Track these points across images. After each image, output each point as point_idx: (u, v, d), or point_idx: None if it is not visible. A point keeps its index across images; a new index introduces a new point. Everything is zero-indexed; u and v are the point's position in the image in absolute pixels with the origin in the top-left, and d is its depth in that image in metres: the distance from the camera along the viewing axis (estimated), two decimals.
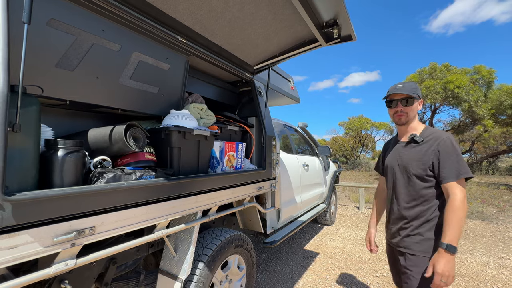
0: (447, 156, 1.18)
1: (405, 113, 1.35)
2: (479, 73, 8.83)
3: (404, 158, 1.34)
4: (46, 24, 1.02)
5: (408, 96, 1.32)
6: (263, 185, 2.13)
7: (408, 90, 1.32)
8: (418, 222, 1.27)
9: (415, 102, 1.34)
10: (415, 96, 1.32)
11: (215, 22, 1.53)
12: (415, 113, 1.37)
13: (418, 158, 1.27)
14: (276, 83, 2.99)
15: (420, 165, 1.26)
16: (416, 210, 1.28)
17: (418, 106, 1.37)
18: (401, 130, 1.43)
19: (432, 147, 1.23)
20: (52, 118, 1.32)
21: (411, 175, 1.29)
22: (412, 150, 1.32)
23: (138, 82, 1.41)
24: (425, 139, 1.29)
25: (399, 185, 1.36)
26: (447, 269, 1.11)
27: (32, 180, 0.85)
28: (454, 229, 1.12)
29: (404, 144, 1.38)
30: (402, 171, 1.35)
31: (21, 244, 0.78)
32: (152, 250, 1.57)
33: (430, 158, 1.23)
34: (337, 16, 1.55)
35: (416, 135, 1.32)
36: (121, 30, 1.29)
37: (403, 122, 1.37)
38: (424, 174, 1.25)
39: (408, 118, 1.35)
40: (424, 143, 1.28)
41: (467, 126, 9.66)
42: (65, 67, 1.10)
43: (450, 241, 1.12)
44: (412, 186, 1.29)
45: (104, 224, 1.00)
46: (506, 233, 4.28)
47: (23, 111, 0.81)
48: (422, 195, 1.27)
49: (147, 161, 1.34)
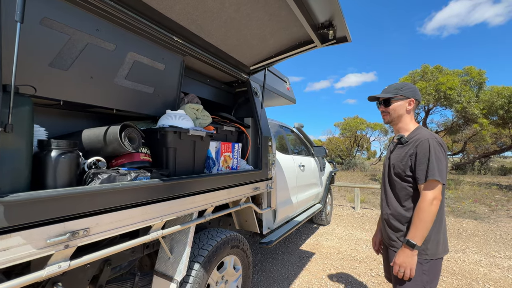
0: (423, 158, 1.23)
1: (387, 113, 1.41)
2: (469, 75, 8.99)
3: (392, 158, 1.39)
4: (40, 23, 1.00)
5: (385, 98, 1.39)
6: (259, 186, 2.13)
7: (388, 92, 1.40)
8: (403, 220, 1.31)
9: (396, 102, 1.37)
10: (397, 96, 1.36)
11: (211, 22, 1.53)
12: (399, 113, 1.38)
13: (400, 159, 1.32)
14: (272, 84, 2.99)
15: (400, 166, 1.31)
16: (401, 209, 1.32)
17: (405, 104, 1.37)
18: (394, 129, 1.48)
19: (411, 148, 1.28)
20: (46, 118, 1.30)
21: (394, 175, 1.36)
22: (398, 151, 1.36)
23: (133, 82, 1.40)
24: (410, 140, 1.32)
25: (387, 184, 1.42)
26: (404, 262, 1.22)
27: (24, 181, 0.84)
28: (417, 228, 1.19)
29: (394, 144, 1.43)
30: (389, 170, 1.40)
31: (13, 246, 0.77)
32: (148, 251, 1.55)
33: (409, 159, 1.28)
34: (332, 17, 1.57)
35: (403, 136, 1.35)
36: (116, 29, 1.28)
37: (386, 121, 1.44)
38: (404, 175, 1.30)
39: (392, 117, 1.40)
40: (407, 144, 1.32)
41: (460, 127, 9.81)
42: (59, 67, 1.09)
43: (411, 237, 1.20)
44: (396, 185, 1.35)
45: (98, 226, 0.99)
46: (498, 232, 4.36)
47: (15, 111, 0.79)
48: (404, 195, 1.31)
49: (142, 162, 1.33)
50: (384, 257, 1.54)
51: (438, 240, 1.25)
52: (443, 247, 1.27)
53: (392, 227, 1.35)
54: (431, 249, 1.23)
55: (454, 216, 5.47)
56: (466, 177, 11.52)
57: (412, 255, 1.21)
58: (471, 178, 11.80)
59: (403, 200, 1.32)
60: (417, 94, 1.39)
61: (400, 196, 1.33)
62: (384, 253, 1.54)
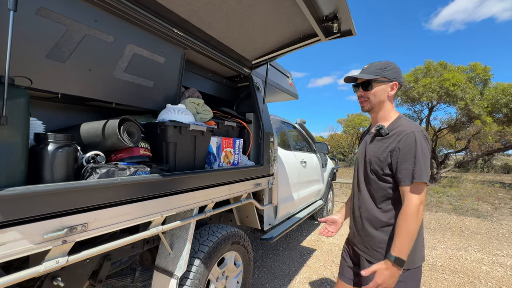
0: (406, 155, 1.02)
1: (367, 98, 1.17)
2: (474, 71, 8.84)
3: (368, 152, 1.18)
4: (36, 13, 0.97)
5: (366, 80, 1.14)
6: (260, 182, 2.11)
7: (370, 72, 1.14)
8: (378, 225, 1.13)
9: (378, 86, 1.13)
10: (380, 78, 1.12)
11: (212, 14, 1.49)
12: (381, 98, 1.15)
13: (378, 154, 1.12)
14: (275, 79, 2.95)
15: (378, 162, 1.11)
16: (377, 211, 1.14)
17: (389, 90, 1.14)
18: (372, 118, 1.24)
19: (393, 143, 1.07)
20: (44, 111, 1.28)
21: (371, 172, 1.15)
22: (376, 144, 1.15)
23: (133, 76, 1.38)
24: (391, 132, 1.11)
25: (361, 181, 1.21)
26: (388, 283, 1.00)
27: (20, 175, 0.82)
28: (404, 240, 0.99)
29: (372, 136, 1.20)
30: (365, 166, 1.19)
31: (9, 241, 0.75)
32: (148, 246, 1.55)
33: (388, 155, 1.08)
34: (337, 10, 1.52)
35: (383, 127, 1.13)
36: (115, 21, 1.24)
37: (366, 109, 1.19)
38: (381, 173, 1.11)
39: (372, 104, 1.16)
40: (388, 137, 1.11)
41: (463, 124, 9.70)
42: (56, 59, 1.06)
43: (399, 253, 0.99)
44: (372, 184, 1.15)
45: (97, 221, 0.97)
46: (501, 230, 4.33)
47: (10, 103, 0.77)
48: (381, 196, 1.12)
49: (142, 157, 1.31)
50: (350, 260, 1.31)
51: (416, 247, 1.07)
52: (420, 254, 1.12)
53: (366, 232, 1.16)
54: (408, 258, 1.01)
55: (457, 214, 5.44)
56: (469, 175, 11.45)
57: (398, 273, 1.00)
58: (474, 176, 11.72)
59: (379, 201, 1.12)
60: (401, 76, 1.16)
61: (376, 197, 1.13)
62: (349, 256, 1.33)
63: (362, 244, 1.19)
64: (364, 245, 1.18)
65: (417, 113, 10.96)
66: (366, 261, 1.16)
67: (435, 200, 6.62)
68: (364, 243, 1.18)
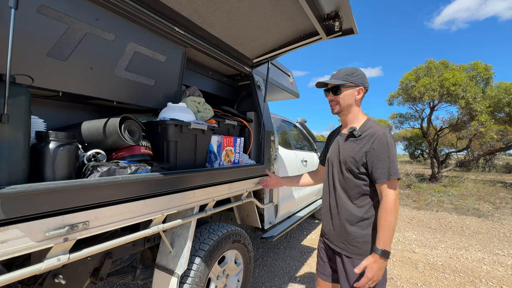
0: (380, 155, 1.12)
1: (337, 102, 1.26)
2: (475, 70, 8.79)
3: (342, 152, 1.26)
4: (37, 11, 0.97)
5: (335, 85, 1.25)
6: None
7: (338, 78, 1.25)
8: (354, 220, 1.19)
9: (346, 90, 1.24)
10: (347, 84, 1.23)
11: (213, 12, 1.48)
12: (349, 102, 1.25)
13: (353, 154, 1.20)
14: (276, 78, 2.95)
15: (353, 162, 1.19)
16: (352, 207, 1.20)
17: (355, 93, 1.25)
18: (342, 120, 1.35)
19: (367, 144, 1.16)
20: (45, 110, 1.28)
21: (346, 171, 1.22)
22: (350, 145, 1.24)
23: (134, 74, 1.38)
24: (363, 134, 1.21)
25: (336, 180, 1.27)
26: (377, 275, 1.08)
27: (22, 173, 0.82)
28: (387, 233, 1.07)
29: (344, 137, 1.29)
30: (339, 165, 1.26)
31: (11, 239, 0.76)
32: (149, 245, 1.55)
33: (363, 155, 1.16)
34: (338, 8, 1.51)
35: (356, 128, 1.23)
36: (116, 19, 1.24)
37: (336, 112, 1.29)
38: (357, 172, 1.18)
39: (341, 107, 1.26)
40: (361, 138, 1.20)
41: (465, 123, 9.66)
42: (57, 57, 1.06)
43: (384, 246, 1.07)
44: (348, 182, 1.22)
45: (98, 219, 0.97)
46: (501, 230, 4.32)
47: (11, 101, 0.77)
48: (357, 193, 1.20)
49: (142, 155, 1.31)
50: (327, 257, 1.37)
51: None
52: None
53: (343, 228, 1.22)
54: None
55: (458, 213, 5.43)
56: (470, 175, 11.42)
57: (385, 265, 1.09)
58: (475, 176, 11.69)
59: (354, 198, 1.20)
60: (366, 81, 1.26)
61: (352, 194, 1.21)
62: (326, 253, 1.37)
63: (340, 241, 1.24)
64: (342, 242, 1.23)
65: (419, 112, 10.92)
66: (345, 257, 1.21)
67: (436, 200, 6.61)
68: (341, 239, 1.23)
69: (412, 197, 6.93)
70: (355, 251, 1.18)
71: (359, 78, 1.24)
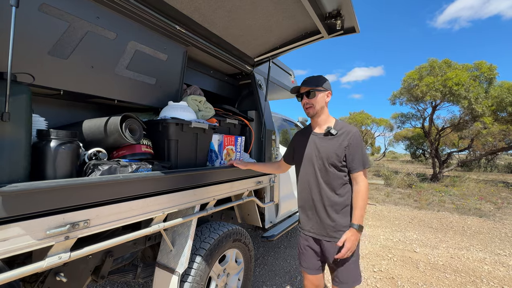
0: (356, 149, 1.34)
1: (311, 105, 1.42)
2: (479, 70, 8.74)
3: (322, 150, 1.40)
4: (38, 9, 0.97)
5: (310, 89, 1.41)
6: (262, 180, 2.11)
7: (311, 84, 1.42)
8: (339, 208, 1.37)
9: (319, 94, 1.41)
10: (319, 88, 1.40)
11: (214, 11, 1.48)
12: (322, 105, 1.42)
13: (334, 150, 1.36)
14: (277, 76, 2.94)
15: (335, 157, 1.35)
16: (336, 197, 1.37)
17: (326, 97, 1.43)
18: (316, 122, 1.49)
19: (345, 140, 1.35)
20: (46, 108, 1.29)
21: (329, 166, 1.37)
22: (329, 142, 1.39)
23: (135, 73, 1.38)
24: (339, 132, 1.38)
25: (319, 175, 1.41)
26: (354, 245, 1.31)
27: (23, 171, 0.82)
28: (361, 211, 1.32)
29: (320, 136, 1.43)
30: (322, 162, 1.39)
31: (12, 237, 0.76)
32: (149, 243, 1.55)
33: (343, 150, 1.34)
34: (340, 6, 1.51)
35: (331, 127, 1.40)
36: (117, 17, 1.24)
37: (311, 114, 1.45)
38: (340, 165, 1.36)
39: (315, 109, 1.42)
40: (338, 136, 1.38)
41: (466, 123, 9.61)
42: (58, 55, 1.06)
43: (359, 222, 1.31)
44: (331, 175, 1.38)
45: (99, 217, 0.98)
46: (503, 230, 4.31)
47: (12, 99, 0.77)
48: (339, 183, 1.37)
49: (143, 154, 1.31)
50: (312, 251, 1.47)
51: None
52: None
53: (331, 218, 1.37)
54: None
55: (459, 213, 5.41)
56: (472, 174, 11.38)
57: (359, 236, 1.33)
58: (477, 175, 11.65)
59: (337, 188, 1.37)
60: (331, 87, 1.46)
61: (334, 185, 1.37)
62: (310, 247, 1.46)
63: (329, 231, 1.38)
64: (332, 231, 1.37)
65: (420, 112, 10.88)
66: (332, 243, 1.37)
67: (437, 199, 6.59)
68: (329, 229, 1.38)
69: (413, 197, 6.91)
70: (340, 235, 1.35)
71: (327, 84, 1.44)
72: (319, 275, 1.51)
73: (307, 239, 1.48)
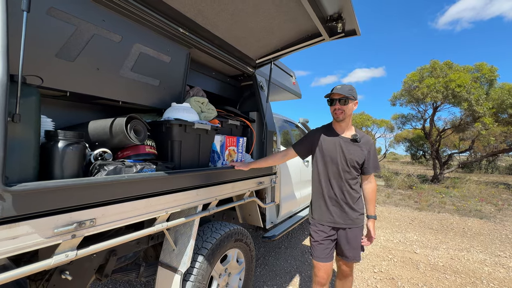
0: (374, 156, 1.63)
1: (343, 111, 1.57)
2: (480, 71, 8.74)
3: (347, 152, 1.60)
4: (46, 13, 1.00)
5: (345, 96, 1.54)
6: (263, 180, 2.13)
7: (345, 91, 1.55)
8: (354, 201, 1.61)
9: (351, 102, 1.58)
10: (351, 97, 1.55)
11: (217, 14, 1.50)
12: (350, 112, 1.61)
13: (357, 154, 1.59)
14: (278, 78, 2.96)
15: (358, 160, 1.59)
16: (353, 192, 1.62)
17: (354, 106, 1.61)
18: (340, 126, 1.65)
19: (367, 147, 1.61)
20: (52, 109, 1.31)
21: (351, 167, 1.60)
22: (354, 148, 1.60)
23: (139, 74, 1.40)
24: (362, 140, 1.61)
25: (341, 173, 1.61)
26: (375, 232, 1.66)
27: (32, 171, 0.84)
28: (374, 204, 1.68)
29: (347, 140, 1.62)
30: (346, 163, 1.59)
31: (21, 235, 0.78)
32: (152, 242, 1.57)
33: (364, 155, 1.60)
34: (341, 10, 1.53)
35: (357, 135, 1.61)
36: (122, 20, 1.27)
37: (341, 119, 1.59)
38: (358, 167, 1.61)
39: (345, 115, 1.58)
40: (362, 143, 1.61)
41: (467, 125, 9.61)
42: (65, 58, 1.08)
43: (373, 213, 1.66)
44: (351, 174, 1.61)
45: (104, 216, 1.00)
46: (504, 232, 4.31)
47: (23, 101, 0.80)
48: (355, 181, 1.63)
49: (147, 154, 1.33)
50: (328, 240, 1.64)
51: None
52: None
53: (352, 209, 1.61)
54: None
55: (459, 214, 5.42)
56: (472, 176, 11.36)
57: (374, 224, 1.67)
58: (477, 177, 11.63)
59: (353, 185, 1.62)
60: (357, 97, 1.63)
61: (351, 182, 1.61)
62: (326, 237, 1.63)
63: (347, 220, 1.61)
64: (349, 219, 1.61)
65: (421, 113, 10.88)
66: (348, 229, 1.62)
67: (437, 201, 6.59)
68: (348, 218, 1.61)
69: (414, 198, 6.91)
70: (358, 222, 1.63)
71: (356, 94, 1.60)
72: (331, 262, 1.66)
73: (325, 230, 1.64)
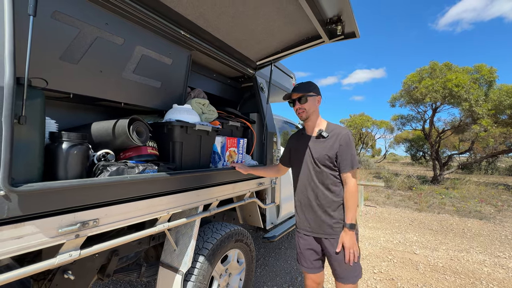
0: (346, 150, 1.40)
1: (304, 109, 1.49)
2: (479, 72, 8.78)
3: (314, 151, 1.48)
4: (51, 17, 1.02)
5: (302, 95, 1.48)
6: (263, 181, 2.14)
7: (302, 90, 1.50)
8: (334, 206, 1.42)
9: (311, 99, 1.49)
10: (310, 94, 1.48)
11: (218, 16, 1.52)
12: (314, 109, 1.50)
13: (326, 151, 1.44)
14: (278, 79, 2.98)
15: (327, 158, 1.43)
16: (331, 195, 1.43)
17: (316, 102, 1.51)
18: (308, 125, 1.56)
19: (336, 142, 1.43)
20: (56, 111, 1.32)
21: (322, 166, 1.45)
22: (321, 145, 1.47)
23: (141, 76, 1.41)
24: (330, 134, 1.46)
25: (313, 175, 1.47)
26: (353, 244, 1.36)
27: (37, 171, 0.86)
28: (352, 210, 1.38)
29: (314, 138, 1.51)
30: (315, 163, 1.47)
31: (26, 235, 0.79)
32: (153, 243, 1.59)
33: (335, 151, 1.42)
34: (341, 12, 1.55)
35: (323, 130, 1.48)
36: (124, 23, 1.28)
37: (304, 117, 1.52)
38: (332, 165, 1.43)
39: (308, 113, 1.50)
40: (329, 138, 1.45)
41: (467, 126, 9.64)
42: (69, 60, 1.10)
43: (351, 220, 1.37)
44: (324, 175, 1.45)
45: (107, 216, 1.01)
46: (503, 233, 4.32)
47: (28, 103, 0.81)
48: (332, 182, 1.44)
49: (149, 155, 1.34)
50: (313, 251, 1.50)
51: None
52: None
53: (328, 216, 1.43)
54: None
55: (459, 215, 5.43)
56: (472, 177, 11.38)
57: (353, 234, 1.38)
58: (477, 178, 11.64)
59: (331, 187, 1.43)
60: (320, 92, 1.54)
61: (327, 184, 1.44)
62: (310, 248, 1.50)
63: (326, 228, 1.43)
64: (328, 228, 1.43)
65: (421, 114, 10.91)
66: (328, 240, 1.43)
67: (437, 202, 6.60)
68: (326, 226, 1.43)
69: (414, 199, 6.92)
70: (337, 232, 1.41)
71: (317, 90, 1.52)
72: (320, 273, 1.55)
73: (306, 239, 1.52)
